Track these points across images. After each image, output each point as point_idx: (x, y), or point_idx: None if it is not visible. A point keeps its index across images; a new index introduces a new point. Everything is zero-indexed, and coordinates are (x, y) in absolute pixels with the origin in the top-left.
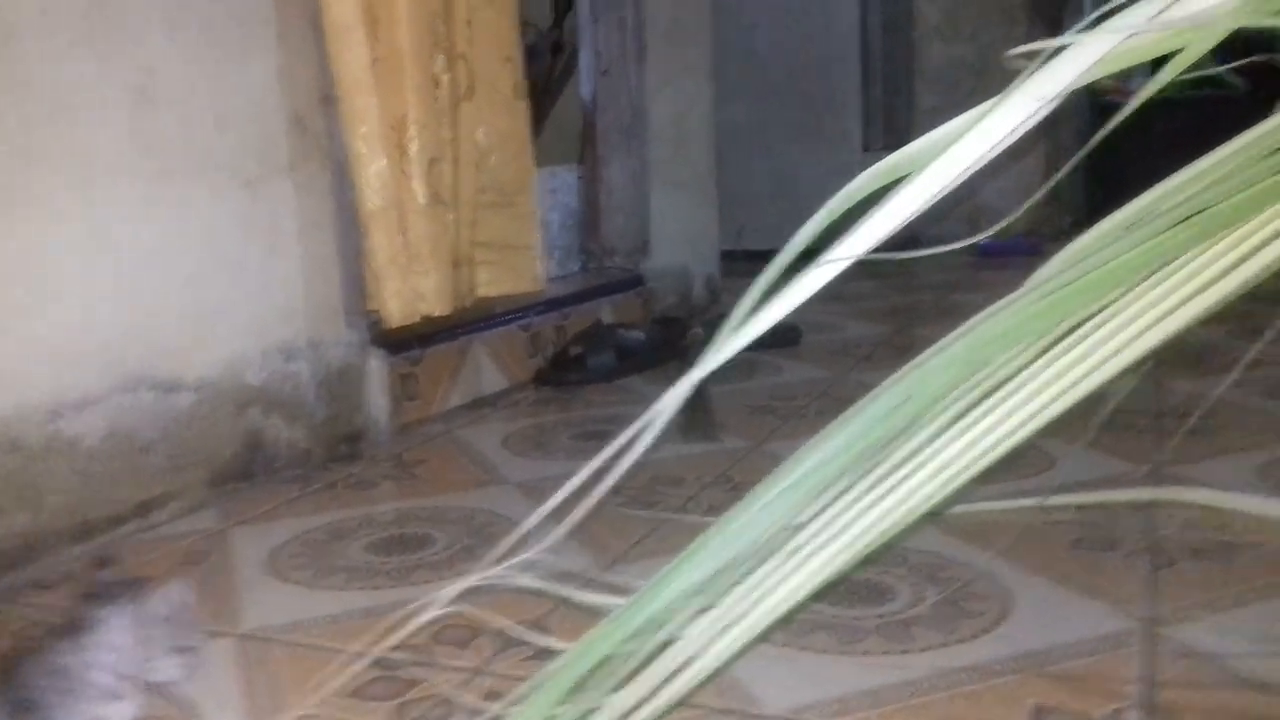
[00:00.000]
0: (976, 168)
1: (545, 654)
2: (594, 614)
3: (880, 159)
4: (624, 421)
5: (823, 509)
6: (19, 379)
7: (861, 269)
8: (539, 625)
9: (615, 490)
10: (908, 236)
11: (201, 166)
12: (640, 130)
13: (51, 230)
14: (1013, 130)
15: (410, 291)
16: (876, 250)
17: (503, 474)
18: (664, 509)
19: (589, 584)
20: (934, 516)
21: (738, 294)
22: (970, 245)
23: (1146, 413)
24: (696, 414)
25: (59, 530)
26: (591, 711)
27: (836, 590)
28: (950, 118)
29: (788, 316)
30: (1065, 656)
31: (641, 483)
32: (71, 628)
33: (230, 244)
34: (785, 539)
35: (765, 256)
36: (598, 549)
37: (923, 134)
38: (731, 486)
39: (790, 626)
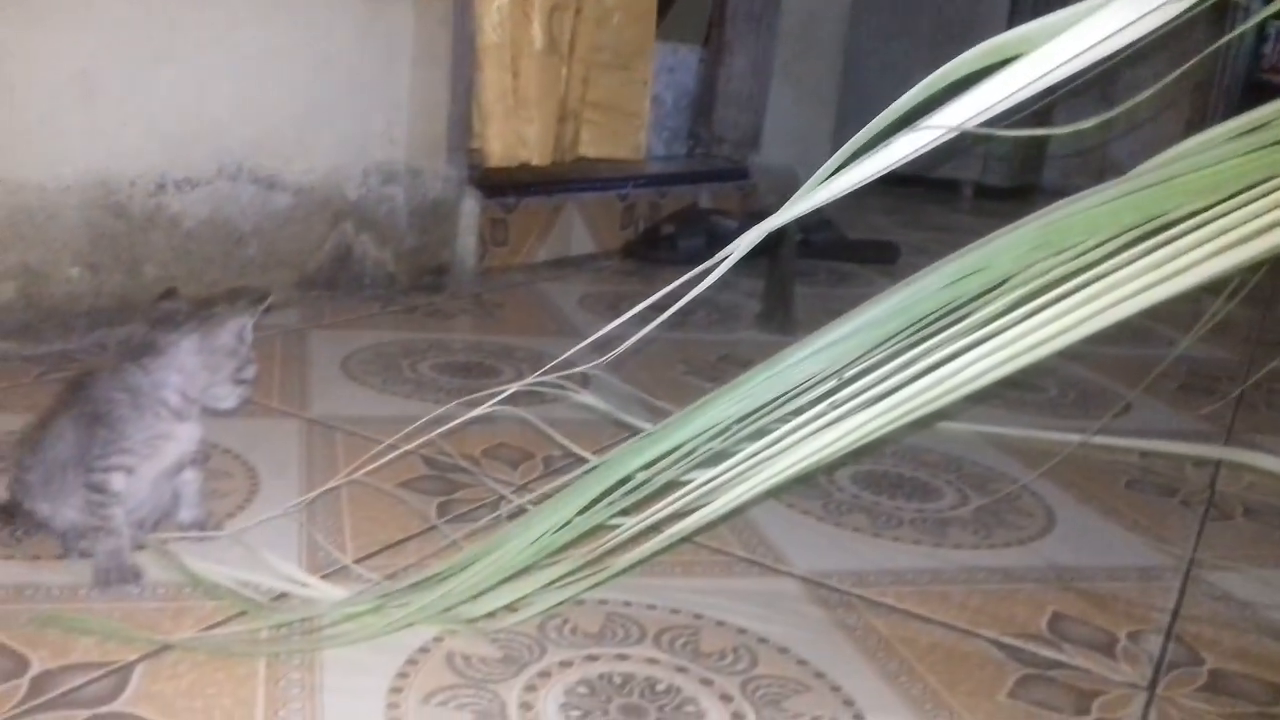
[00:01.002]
0: (1093, 58)
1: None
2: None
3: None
4: (704, 303)
5: (869, 369)
6: (129, 148)
7: (976, 207)
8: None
9: (683, 360)
10: (1027, 183)
11: None
12: (771, 20)
13: (174, 3)
14: (1128, 25)
15: (513, 134)
16: (1000, 125)
17: (576, 327)
18: (721, 381)
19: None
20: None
21: (839, 209)
22: None
23: (1233, 379)
24: (778, 306)
25: (152, 298)
26: (604, 524)
27: (882, 480)
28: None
29: (888, 235)
30: (1095, 578)
31: (711, 359)
32: (142, 350)
33: (346, 58)
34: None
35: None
36: (652, 409)
37: None
38: None
39: (830, 503)
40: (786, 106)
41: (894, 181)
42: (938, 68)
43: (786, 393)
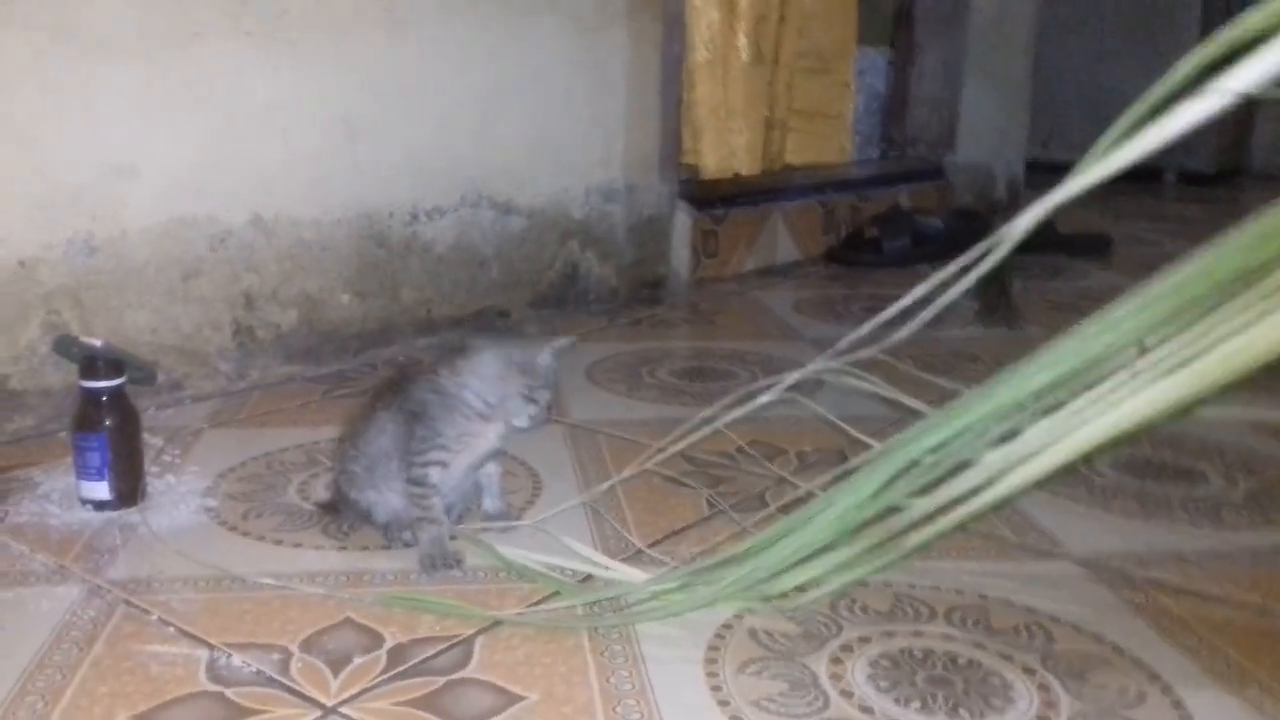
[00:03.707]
0: None
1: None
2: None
3: (1213, 82)
4: (922, 303)
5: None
6: (387, 184)
7: (1181, 193)
8: (839, 453)
9: (912, 356)
10: (1232, 166)
11: (550, 6)
12: (961, 17)
13: (420, 49)
14: None
15: (725, 147)
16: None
17: (797, 331)
18: (956, 379)
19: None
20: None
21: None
22: None
23: None
24: (1000, 301)
25: (410, 321)
26: (894, 509)
27: (1145, 467)
28: None
29: (1101, 227)
30: None
31: (939, 353)
32: (453, 354)
33: (565, 84)
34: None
35: (1071, 169)
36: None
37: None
38: None
39: (1094, 489)
40: (979, 104)
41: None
42: (1130, 55)
43: (1090, 361)
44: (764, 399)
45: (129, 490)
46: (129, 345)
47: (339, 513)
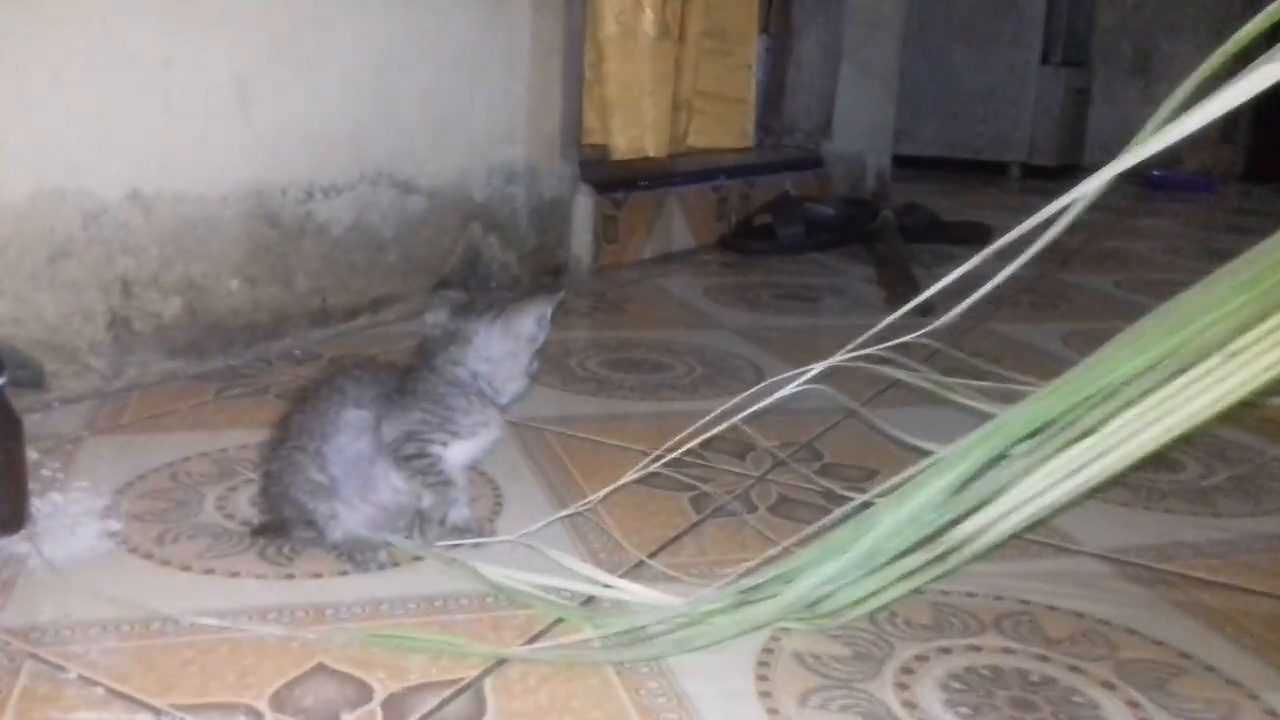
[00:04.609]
0: None
1: (826, 470)
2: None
3: (1059, 74)
4: (820, 289)
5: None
6: (282, 157)
7: (1030, 187)
8: (809, 446)
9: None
10: (1070, 162)
11: None
12: (838, 4)
13: (319, 7)
14: None
15: (636, 126)
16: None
17: (716, 319)
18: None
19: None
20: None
21: (903, 194)
22: (1140, 177)
23: None
24: (903, 286)
25: (304, 311)
26: (967, 513)
27: None
28: (1129, 41)
29: (979, 218)
30: None
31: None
32: (449, 340)
33: (471, 58)
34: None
35: (922, 163)
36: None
37: (1101, 52)
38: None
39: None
40: (853, 92)
41: (934, 165)
42: (972, 41)
43: (1179, 346)
44: (789, 390)
45: (12, 514)
46: None
47: (279, 532)
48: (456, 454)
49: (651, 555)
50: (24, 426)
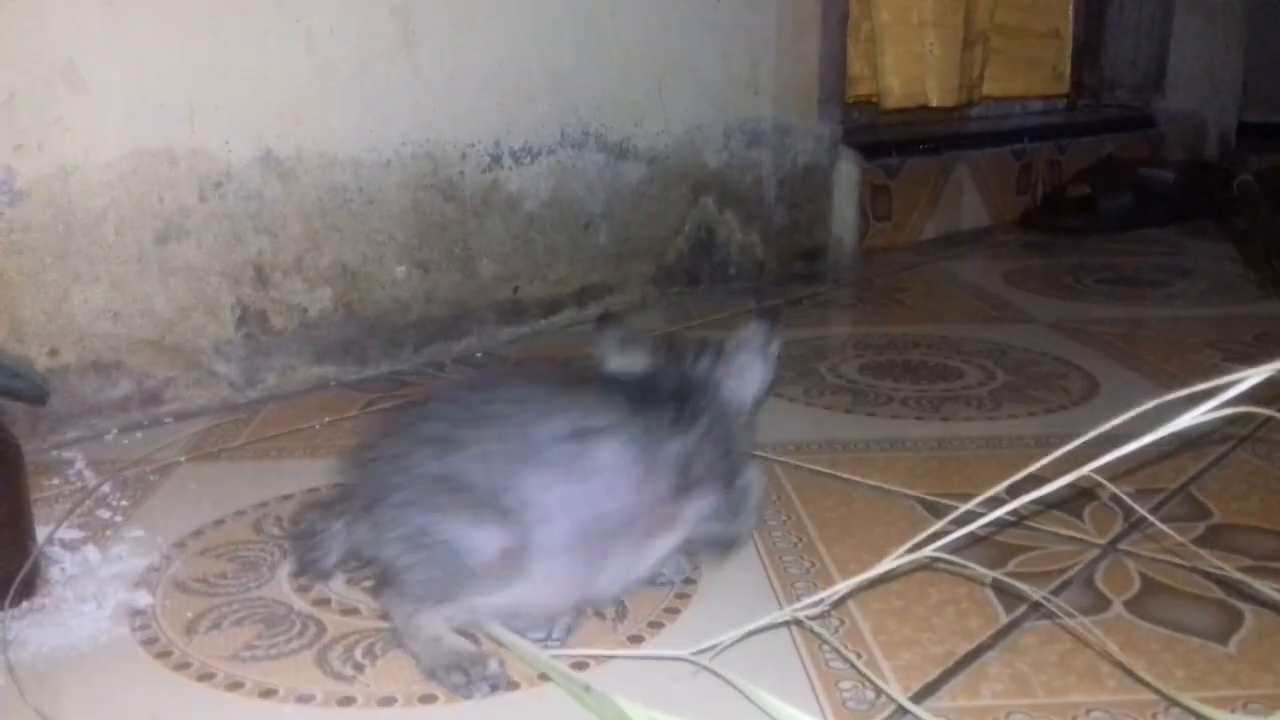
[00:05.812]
0: None
1: (1215, 536)
2: None
3: None
4: (1162, 272)
5: None
6: (458, 109)
7: None
8: (1185, 494)
9: (1210, 345)
10: None
11: None
12: None
13: None
14: None
15: (913, 68)
16: None
17: (1023, 310)
18: None
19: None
20: None
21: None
22: None
23: None
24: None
25: (490, 304)
26: None
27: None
28: None
29: None
30: None
31: (1246, 337)
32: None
33: None
34: None
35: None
36: None
37: None
38: None
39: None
40: (1190, 39)
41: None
42: None
43: None
44: (1201, 410)
45: (3, 579)
46: (75, 336)
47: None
48: None
49: (925, 692)
50: (23, 455)
